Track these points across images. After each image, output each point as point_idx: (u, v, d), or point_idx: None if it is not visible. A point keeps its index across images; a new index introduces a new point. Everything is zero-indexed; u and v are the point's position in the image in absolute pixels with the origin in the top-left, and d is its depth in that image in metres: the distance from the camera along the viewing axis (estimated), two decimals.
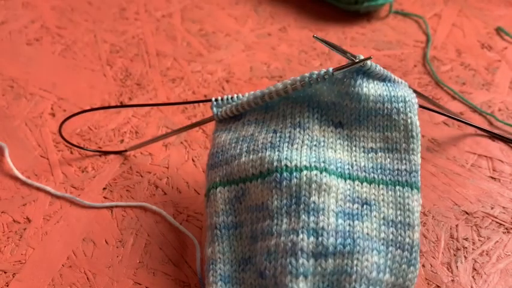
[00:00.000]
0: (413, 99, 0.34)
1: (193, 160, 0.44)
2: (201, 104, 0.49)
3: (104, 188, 0.42)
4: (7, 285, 0.35)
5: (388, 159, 0.34)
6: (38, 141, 0.46)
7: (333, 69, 0.33)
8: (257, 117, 0.36)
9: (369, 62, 0.33)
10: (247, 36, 0.60)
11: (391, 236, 0.31)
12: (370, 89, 0.34)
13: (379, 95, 0.34)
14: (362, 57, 0.33)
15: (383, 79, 0.34)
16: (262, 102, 0.35)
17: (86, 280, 0.35)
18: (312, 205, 0.31)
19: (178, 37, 0.59)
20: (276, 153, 0.33)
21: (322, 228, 0.30)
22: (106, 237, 0.38)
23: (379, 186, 0.33)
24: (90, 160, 0.44)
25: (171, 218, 0.39)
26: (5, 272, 0.36)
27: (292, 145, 0.33)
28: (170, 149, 0.45)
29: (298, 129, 0.34)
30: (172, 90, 0.52)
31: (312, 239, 0.30)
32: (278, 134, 0.34)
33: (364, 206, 0.32)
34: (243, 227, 0.33)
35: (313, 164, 0.32)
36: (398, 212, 0.32)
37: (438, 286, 0.35)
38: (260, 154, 0.33)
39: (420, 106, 0.35)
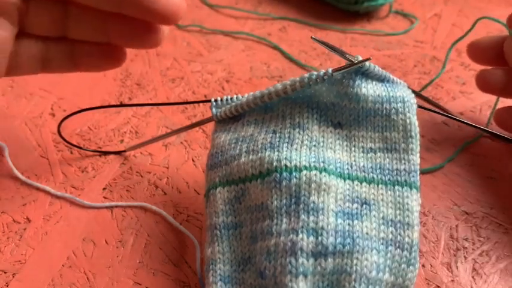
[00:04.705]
0: (412, 100, 0.34)
1: (193, 160, 0.44)
2: (201, 104, 0.50)
3: (104, 188, 0.42)
4: (7, 285, 0.35)
5: (387, 159, 0.34)
6: (38, 141, 0.46)
7: (332, 70, 0.33)
8: (256, 117, 0.36)
9: (367, 63, 0.33)
10: (247, 36, 0.60)
11: (390, 236, 0.31)
12: (369, 89, 0.34)
13: (378, 95, 0.34)
14: (360, 58, 0.33)
15: (382, 80, 0.34)
16: (262, 103, 0.35)
17: (86, 280, 0.35)
18: (312, 205, 0.31)
19: (178, 37, 0.59)
20: (276, 153, 0.33)
21: (322, 227, 0.30)
22: (106, 237, 0.38)
23: (378, 186, 0.33)
24: (90, 160, 0.44)
25: (171, 218, 0.39)
26: (5, 272, 0.36)
27: (291, 145, 0.33)
28: (170, 149, 0.45)
29: (297, 130, 0.34)
30: (172, 90, 0.52)
31: (311, 238, 0.30)
32: (278, 135, 0.34)
33: (364, 206, 0.32)
34: (243, 227, 0.33)
35: (312, 164, 0.32)
36: (398, 212, 0.32)
37: (438, 286, 0.35)
38: (260, 154, 0.33)
39: (420, 106, 0.35)
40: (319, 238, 0.30)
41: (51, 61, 0.39)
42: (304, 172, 0.31)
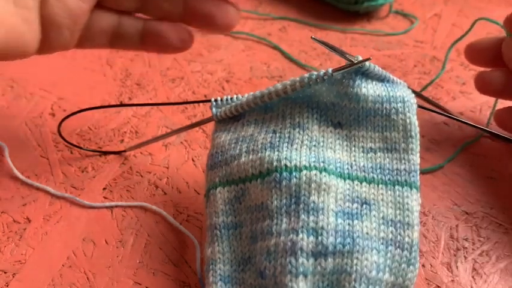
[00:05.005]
0: (412, 100, 0.34)
1: (193, 160, 0.44)
2: (201, 104, 0.50)
3: (104, 188, 0.42)
4: (7, 285, 0.35)
5: (387, 159, 0.34)
6: (38, 141, 0.46)
7: (332, 70, 0.33)
8: (256, 117, 0.36)
9: (367, 62, 0.33)
10: (247, 36, 0.60)
11: (390, 236, 0.31)
12: (369, 89, 0.34)
13: (378, 95, 0.34)
14: (360, 58, 0.33)
15: (382, 80, 0.34)
16: (262, 103, 0.35)
17: (86, 280, 0.35)
18: (312, 205, 0.31)
19: None
20: (276, 153, 0.33)
21: (322, 227, 0.30)
22: (106, 237, 0.38)
23: (378, 186, 0.33)
24: (90, 160, 0.44)
25: (171, 218, 0.39)
26: (5, 272, 0.36)
27: (291, 145, 0.33)
28: (170, 149, 0.45)
29: (297, 130, 0.34)
30: (172, 90, 0.52)
31: (311, 238, 0.30)
32: (278, 134, 0.34)
33: (364, 206, 0.32)
34: (243, 227, 0.33)
35: (312, 164, 0.32)
36: (398, 212, 0.32)
37: (438, 286, 0.35)
38: (260, 154, 0.33)
39: (420, 106, 0.35)
40: (319, 238, 0.30)
41: (121, 37, 0.38)
42: (304, 172, 0.31)
